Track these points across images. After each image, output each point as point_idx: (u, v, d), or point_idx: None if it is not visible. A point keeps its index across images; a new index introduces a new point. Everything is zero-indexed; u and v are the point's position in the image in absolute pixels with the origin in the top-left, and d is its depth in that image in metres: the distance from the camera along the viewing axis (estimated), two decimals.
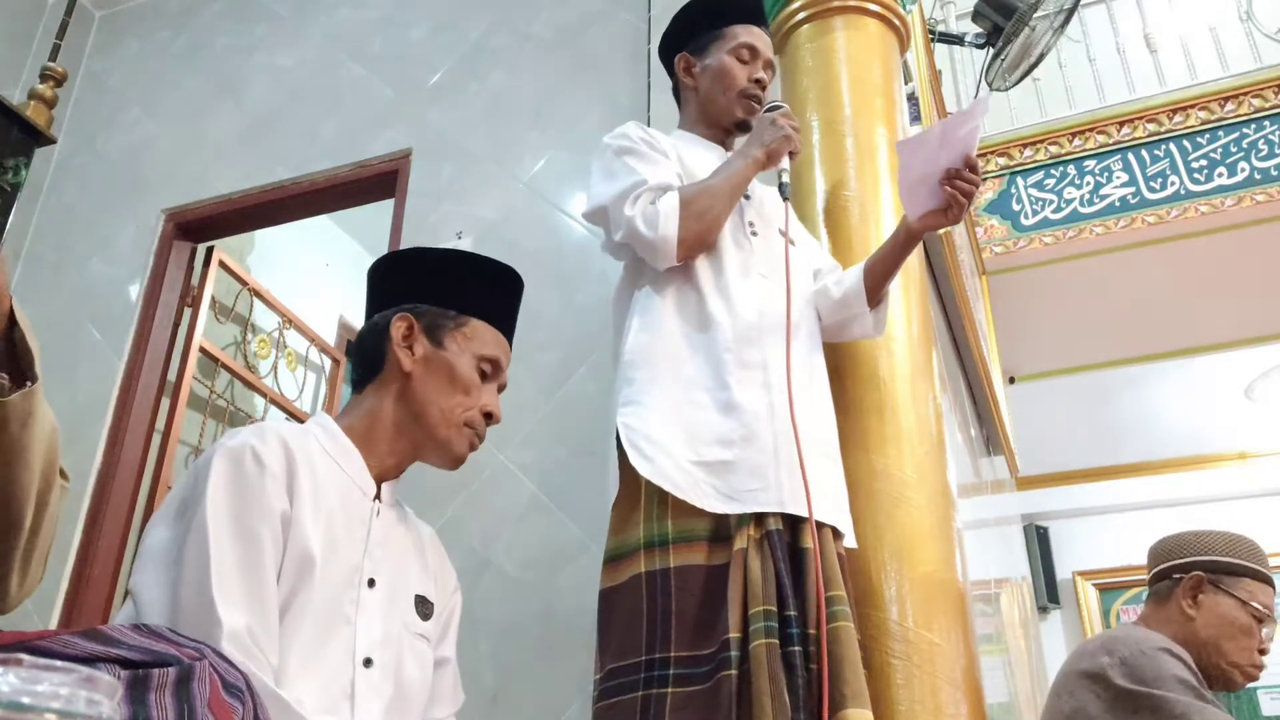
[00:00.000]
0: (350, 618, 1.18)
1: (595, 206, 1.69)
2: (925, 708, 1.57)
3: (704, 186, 1.64)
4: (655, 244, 1.58)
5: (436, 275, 1.41)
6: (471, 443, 1.35)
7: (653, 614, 1.39)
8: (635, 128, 1.74)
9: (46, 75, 2.49)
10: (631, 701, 1.34)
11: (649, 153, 1.69)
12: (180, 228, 3.24)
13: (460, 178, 2.84)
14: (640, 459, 1.47)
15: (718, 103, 1.82)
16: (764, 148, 1.70)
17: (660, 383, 1.55)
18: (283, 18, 3.44)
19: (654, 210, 1.59)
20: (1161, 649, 1.79)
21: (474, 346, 1.36)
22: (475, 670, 1.72)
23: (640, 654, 1.37)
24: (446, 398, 1.31)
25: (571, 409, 2.40)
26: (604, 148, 1.73)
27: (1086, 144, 3.67)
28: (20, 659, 0.40)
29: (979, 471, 3.16)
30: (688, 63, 1.85)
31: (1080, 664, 1.86)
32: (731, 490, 1.46)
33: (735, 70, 1.81)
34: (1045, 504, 5.16)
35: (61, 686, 0.41)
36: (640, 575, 1.42)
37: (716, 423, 1.51)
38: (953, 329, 2.84)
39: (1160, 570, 2.00)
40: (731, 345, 1.57)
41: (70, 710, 0.40)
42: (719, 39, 1.83)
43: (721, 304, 1.61)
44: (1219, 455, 5.07)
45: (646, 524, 1.45)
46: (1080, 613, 5.09)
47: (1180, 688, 1.73)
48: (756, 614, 1.36)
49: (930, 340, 1.98)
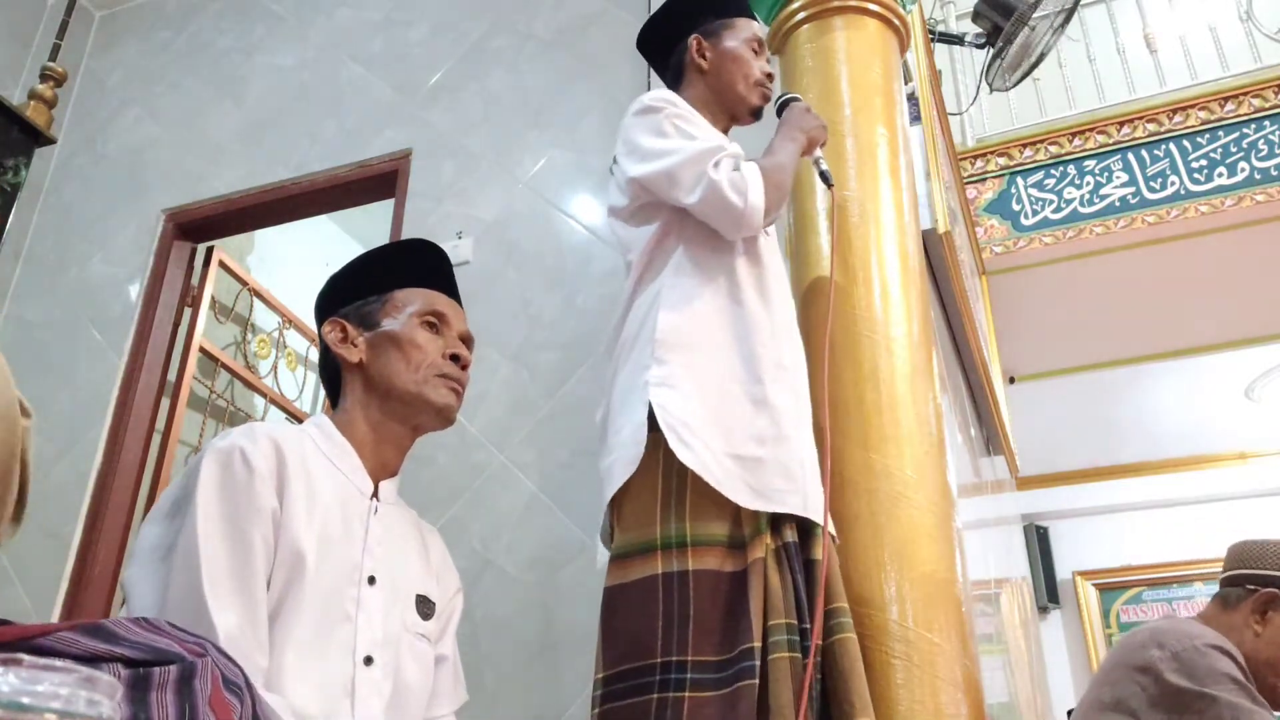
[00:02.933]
0: (350, 615, 1.18)
1: (663, 167, 1.59)
2: (925, 708, 1.57)
3: (777, 162, 1.63)
4: (744, 211, 1.54)
5: (350, 279, 1.44)
6: (452, 389, 1.34)
7: (669, 616, 1.38)
8: (675, 96, 1.72)
9: (47, 75, 2.49)
10: (646, 704, 1.33)
11: (700, 122, 1.68)
12: (180, 228, 3.24)
13: (460, 178, 2.84)
14: (680, 445, 1.43)
15: (735, 88, 1.80)
16: (805, 134, 1.72)
17: (695, 369, 1.51)
18: (283, 18, 3.45)
19: (740, 177, 1.56)
20: (1213, 645, 1.75)
21: (408, 310, 1.37)
22: (475, 670, 1.72)
23: (655, 656, 1.36)
24: (404, 363, 1.32)
25: (571, 409, 2.40)
26: (647, 107, 1.67)
27: (1086, 144, 3.67)
28: (20, 659, 0.40)
29: (979, 471, 3.16)
30: (701, 45, 1.82)
31: (1127, 656, 1.82)
32: (762, 487, 1.45)
33: (751, 59, 1.81)
34: (1045, 504, 5.16)
35: (61, 686, 0.41)
36: (657, 576, 1.40)
37: (750, 418, 1.50)
38: (953, 329, 2.84)
39: (1235, 575, 1.93)
40: (768, 342, 1.56)
41: (70, 710, 0.40)
42: (730, 28, 1.83)
43: (758, 298, 1.60)
44: (1219, 455, 5.07)
45: (664, 524, 1.43)
46: (1080, 613, 5.09)
47: (1232, 686, 1.70)
48: (777, 626, 1.37)
49: (930, 340, 1.97)
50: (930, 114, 2.52)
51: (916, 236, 2.09)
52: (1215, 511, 4.89)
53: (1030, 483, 4.85)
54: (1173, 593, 5.01)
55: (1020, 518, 4.92)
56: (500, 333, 2.56)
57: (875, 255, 1.92)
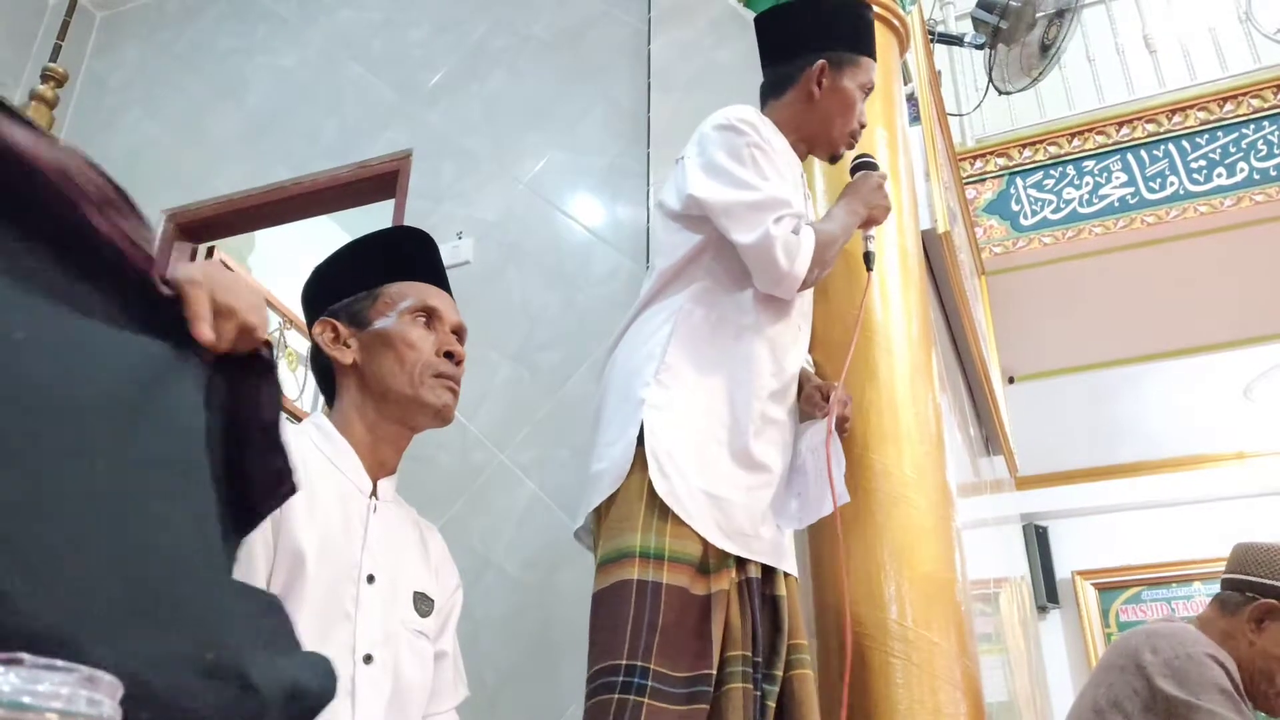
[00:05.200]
0: (350, 614, 1.18)
1: (727, 199, 1.57)
2: (925, 707, 1.57)
3: (831, 237, 1.62)
4: (785, 275, 1.54)
5: (338, 272, 1.41)
6: (448, 388, 1.33)
7: (638, 621, 1.40)
8: (761, 119, 1.68)
9: (47, 76, 2.49)
10: (608, 702, 1.35)
11: (777, 161, 1.65)
12: (181, 228, 3.24)
13: (460, 178, 2.85)
14: (659, 474, 1.46)
15: (832, 130, 1.76)
16: (868, 209, 1.71)
17: (689, 404, 1.53)
18: (284, 19, 3.45)
19: (795, 241, 1.54)
20: (1207, 654, 1.75)
21: (399, 306, 1.35)
22: (475, 670, 1.72)
23: (621, 657, 1.38)
24: (398, 364, 1.31)
25: (572, 409, 2.40)
26: (731, 125, 1.63)
27: (1085, 144, 3.67)
28: (22, 659, 0.40)
29: (978, 471, 3.17)
30: (825, 72, 1.75)
31: (1122, 658, 1.83)
32: (731, 530, 1.48)
33: (857, 107, 1.77)
34: (1044, 504, 5.15)
35: (62, 686, 0.41)
36: (631, 581, 1.42)
37: (728, 467, 1.52)
38: (952, 329, 2.84)
39: (1236, 580, 1.92)
40: (763, 396, 1.57)
41: (71, 710, 0.41)
42: (855, 65, 1.77)
43: (766, 346, 1.59)
44: (1217, 455, 5.06)
45: (645, 533, 1.45)
46: (1079, 612, 5.08)
47: (1221, 698, 1.69)
48: (734, 658, 1.41)
49: (930, 340, 1.98)
50: (929, 114, 2.52)
51: (916, 237, 2.09)
52: (1214, 511, 4.89)
53: (1029, 482, 4.85)
54: (1172, 592, 5.00)
55: (1019, 517, 4.92)
56: (500, 333, 2.56)
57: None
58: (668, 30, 2.70)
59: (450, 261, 2.66)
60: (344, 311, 1.36)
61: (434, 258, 1.45)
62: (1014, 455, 3.82)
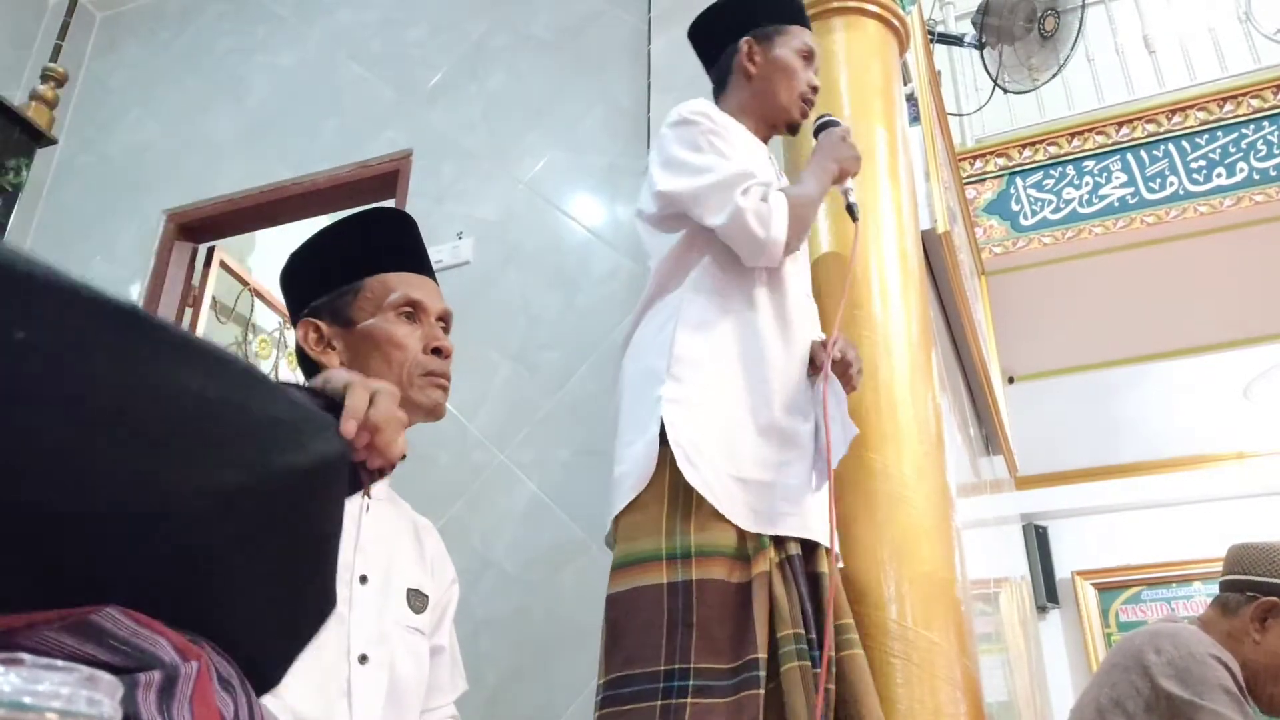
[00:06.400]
0: (344, 615, 1.17)
1: (691, 185, 1.58)
2: (925, 707, 1.57)
3: (806, 195, 1.62)
4: (764, 243, 1.55)
5: (316, 263, 1.36)
6: (438, 386, 1.30)
7: (673, 624, 1.39)
8: (713, 108, 1.70)
9: (48, 76, 2.49)
10: (649, 710, 1.34)
11: (735, 140, 1.66)
12: (181, 228, 3.24)
13: (460, 178, 2.85)
14: (687, 465, 1.45)
15: (778, 98, 1.77)
16: (838, 164, 1.70)
17: (707, 390, 1.52)
18: (283, 19, 3.45)
19: (766, 208, 1.55)
20: (1211, 655, 1.75)
21: (383, 302, 1.30)
22: (475, 670, 1.72)
23: (659, 663, 1.37)
24: (385, 364, 1.26)
25: (572, 409, 2.41)
26: (683, 119, 1.65)
27: (1085, 144, 3.67)
28: (22, 658, 0.40)
29: (978, 471, 3.17)
30: (752, 49, 1.78)
31: (1125, 658, 1.83)
32: (764, 510, 1.47)
33: (800, 70, 1.78)
34: (1044, 503, 5.15)
35: (63, 686, 0.41)
36: (661, 585, 1.41)
37: (755, 444, 1.52)
38: (952, 329, 2.84)
39: (1235, 580, 1.92)
40: (780, 368, 1.57)
41: (71, 710, 0.41)
42: (783, 34, 1.79)
43: (774, 322, 1.60)
44: (1217, 455, 5.06)
45: (669, 536, 1.44)
46: (1079, 612, 5.08)
47: (1224, 698, 1.69)
48: (786, 637, 1.40)
49: (929, 340, 1.98)
50: (929, 115, 2.52)
51: (916, 237, 2.09)
52: (1213, 511, 4.88)
53: (1029, 482, 4.85)
54: (1172, 592, 5.00)
55: (1019, 517, 4.92)
56: (500, 333, 2.56)
57: (875, 255, 1.92)
58: (668, 29, 2.69)
59: (450, 261, 2.67)
60: (326, 310, 1.32)
61: (414, 241, 1.40)
62: (1014, 455, 3.82)
